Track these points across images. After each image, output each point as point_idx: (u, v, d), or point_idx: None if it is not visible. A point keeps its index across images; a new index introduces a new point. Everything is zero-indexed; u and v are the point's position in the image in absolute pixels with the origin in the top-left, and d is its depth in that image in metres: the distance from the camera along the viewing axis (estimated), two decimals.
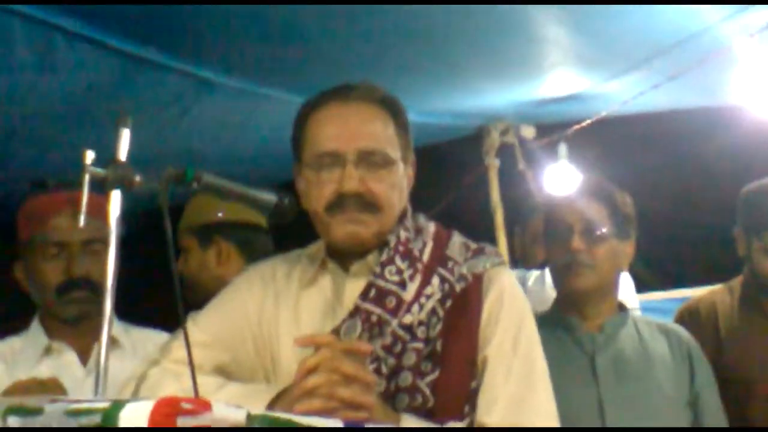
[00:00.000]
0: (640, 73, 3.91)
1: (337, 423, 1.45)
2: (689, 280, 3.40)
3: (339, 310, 1.85)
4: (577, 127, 4.72)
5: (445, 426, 1.76)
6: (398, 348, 1.78)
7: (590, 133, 4.66)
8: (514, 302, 1.87)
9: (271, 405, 1.68)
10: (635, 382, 2.52)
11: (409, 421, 1.71)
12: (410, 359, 1.77)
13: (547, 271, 3.28)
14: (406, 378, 1.76)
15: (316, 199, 1.85)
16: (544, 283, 3.36)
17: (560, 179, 4.72)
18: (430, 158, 4.21)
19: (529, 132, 4.87)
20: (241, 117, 3.82)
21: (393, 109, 1.91)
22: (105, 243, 2.31)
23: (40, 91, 3.18)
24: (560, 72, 3.96)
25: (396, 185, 1.87)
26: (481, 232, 3.52)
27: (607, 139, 4.62)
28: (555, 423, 1.82)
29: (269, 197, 1.84)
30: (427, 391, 1.77)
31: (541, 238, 3.31)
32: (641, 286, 3.60)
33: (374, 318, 1.79)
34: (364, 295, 1.82)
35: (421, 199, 2.14)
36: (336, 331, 1.79)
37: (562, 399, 2.42)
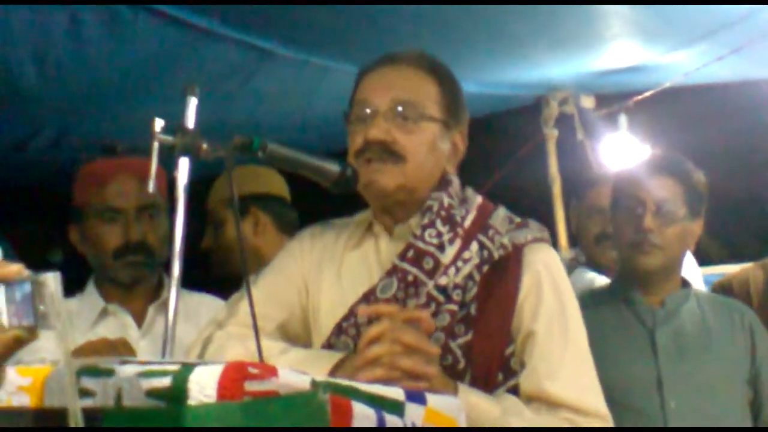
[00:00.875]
0: (703, 45, 3.86)
1: (399, 391, 1.48)
2: (751, 254, 3.35)
3: (379, 270, 1.88)
4: (637, 98, 4.67)
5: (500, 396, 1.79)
6: (432, 308, 1.80)
7: (651, 104, 4.61)
8: (555, 278, 1.87)
9: (333, 371, 1.71)
10: (695, 358, 2.51)
11: (466, 393, 1.72)
12: (443, 320, 1.80)
13: None
14: (439, 338, 1.79)
15: (349, 149, 1.89)
16: None
17: (619, 150, 4.68)
18: (488, 128, 4.20)
19: (588, 102, 4.82)
20: (301, 87, 3.84)
21: (439, 75, 1.92)
22: (160, 209, 2.39)
23: (105, 61, 3.23)
24: (621, 43, 3.91)
25: (429, 142, 1.87)
26: (538, 202, 3.53)
27: (668, 110, 4.57)
28: (604, 405, 1.82)
29: (333, 167, 1.85)
30: (458, 353, 1.79)
31: (597, 211, 3.30)
32: (703, 260, 3.56)
33: (410, 278, 1.81)
34: (402, 255, 1.84)
35: (478, 168, 2.14)
36: (372, 290, 1.83)
37: (621, 372, 2.44)
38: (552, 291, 1.85)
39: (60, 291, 1.23)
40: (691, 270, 3.41)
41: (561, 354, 1.81)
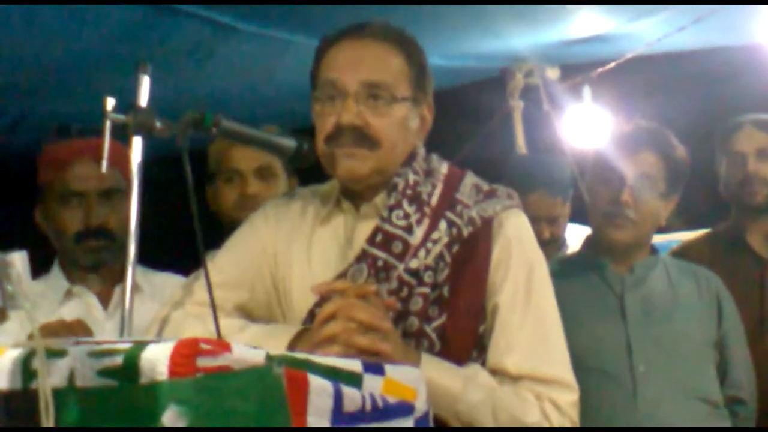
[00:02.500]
0: (665, 13, 3.86)
1: (356, 363, 1.48)
2: (712, 221, 3.38)
3: (349, 251, 1.85)
4: (601, 69, 4.67)
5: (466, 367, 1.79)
6: (404, 293, 1.78)
7: (614, 75, 4.61)
8: (524, 247, 1.85)
9: (291, 345, 1.71)
10: (663, 323, 2.54)
11: (429, 362, 1.72)
12: (417, 304, 1.78)
13: None
14: (413, 323, 1.77)
15: (318, 132, 1.85)
16: None
17: (583, 122, 4.69)
18: (454, 101, 4.19)
19: (553, 73, 4.82)
20: (263, 62, 3.82)
21: (408, 48, 1.88)
22: (123, 192, 2.36)
23: (62, 42, 3.20)
24: (585, 13, 3.91)
25: (400, 123, 1.84)
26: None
27: (631, 80, 4.57)
28: (569, 371, 1.82)
29: (289, 142, 1.84)
30: (434, 336, 1.78)
31: (529, 190, 3.26)
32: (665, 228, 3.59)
33: (380, 263, 1.79)
34: (371, 239, 1.82)
35: (445, 142, 2.13)
36: (343, 275, 1.81)
37: (590, 337, 2.47)
38: (519, 261, 1.83)
39: (27, 270, 1.21)
40: None
41: (520, 325, 1.80)
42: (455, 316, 1.79)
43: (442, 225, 1.83)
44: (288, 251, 1.91)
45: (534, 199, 3.13)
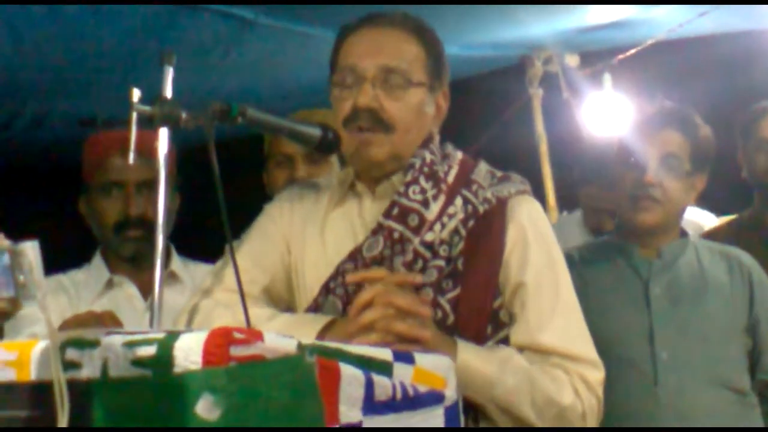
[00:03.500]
0: None
1: (386, 351, 1.48)
2: (733, 208, 3.36)
3: (362, 228, 1.88)
4: (621, 56, 4.65)
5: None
6: (419, 265, 1.81)
7: (635, 61, 4.58)
8: (540, 230, 1.89)
9: (322, 334, 1.72)
10: (689, 309, 2.51)
11: (465, 348, 1.74)
12: (431, 276, 1.81)
13: None
14: (427, 294, 1.80)
15: (336, 116, 1.89)
16: None
17: (604, 108, 4.67)
18: (473, 90, 4.19)
19: (573, 60, 4.80)
20: (283, 57, 3.82)
21: (424, 37, 1.92)
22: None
23: (84, 38, 3.21)
24: None
25: (415, 108, 1.88)
26: (526, 162, 3.51)
27: (652, 66, 4.54)
28: (595, 351, 1.85)
29: (314, 131, 1.85)
30: (447, 307, 1.80)
31: (589, 181, 3.25)
32: None
33: (396, 235, 1.82)
34: (387, 213, 1.84)
35: (464, 130, 2.13)
36: (359, 249, 1.83)
37: (614, 324, 2.45)
38: (538, 243, 1.87)
39: (39, 260, 1.21)
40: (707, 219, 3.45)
41: (551, 305, 1.83)
42: (469, 289, 1.82)
43: (458, 201, 1.86)
44: (302, 234, 1.94)
45: (593, 191, 3.09)
